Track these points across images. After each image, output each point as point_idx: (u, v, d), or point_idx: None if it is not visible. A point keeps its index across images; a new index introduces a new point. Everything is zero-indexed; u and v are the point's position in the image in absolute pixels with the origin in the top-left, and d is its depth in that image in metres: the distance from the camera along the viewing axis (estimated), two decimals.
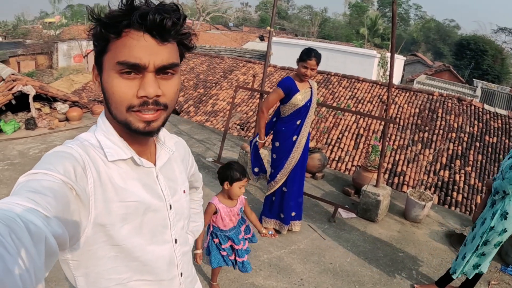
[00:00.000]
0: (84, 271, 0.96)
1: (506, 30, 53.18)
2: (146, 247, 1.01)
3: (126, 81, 0.88)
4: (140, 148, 1.03)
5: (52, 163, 0.82)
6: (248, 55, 21.27)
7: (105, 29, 0.86)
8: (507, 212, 2.97)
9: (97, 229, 0.90)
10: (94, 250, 0.93)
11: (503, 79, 36.55)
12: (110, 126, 0.99)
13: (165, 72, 0.91)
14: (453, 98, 11.88)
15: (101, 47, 0.90)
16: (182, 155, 1.24)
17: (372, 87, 12.79)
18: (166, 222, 1.08)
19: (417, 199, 4.76)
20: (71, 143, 0.95)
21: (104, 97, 0.94)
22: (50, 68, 24.95)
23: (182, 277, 1.17)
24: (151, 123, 0.93)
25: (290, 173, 3.90)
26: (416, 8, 58.43)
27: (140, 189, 1.00)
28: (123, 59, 0.85)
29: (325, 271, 3.63)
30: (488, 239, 3.08)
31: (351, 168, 9.62)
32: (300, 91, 3.68)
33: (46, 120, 7.58)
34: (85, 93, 16.65)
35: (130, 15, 0.84)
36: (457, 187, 9.00)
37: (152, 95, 0.88)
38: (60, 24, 30.40)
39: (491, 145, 10.12)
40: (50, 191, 0.74)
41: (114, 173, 0.96)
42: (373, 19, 41.42)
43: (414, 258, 4.03)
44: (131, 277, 1.01)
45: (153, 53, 0.87)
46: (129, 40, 0.86)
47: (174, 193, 1.12)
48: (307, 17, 62.51)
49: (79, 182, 0.85)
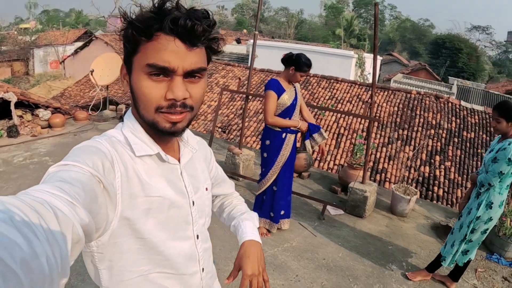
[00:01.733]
0: (108, 264, 0.99)
1: (480, 28, 54.42)
2: (169, 242, 1.04)
3: (155, 83, 0.91)
4: (165, 146, 1.06)
5: (81, 157, 0.85)
6: (226, 58, 21.29)
7: (136, 31, 0.89)
8: (492, 202, 3.17)
9: (123, 222, 0.93)
10: (119, 243, 0.95)
11: (478, 76, 37.48)
12: (137, 124, 1.02)
13: (192, 75, 0.94)
14: (430, 96, 12.17)
15: (132, 48, 0.92)
16: (204, 154, 1.28)
17: (351, 87, 13.00)
18: (189, 219, 1.10)
19: (403, 193, 4.92)
20: (99, 138, 0.98)
21: (132, 97, 0.97)
22: (27, 74, 24.48)
23: (204, 272, 1.19)
24: (177, 123, 0.96)
25: (280, 172, 3.99)
26: (391, 8, 59.37)
27: (165, 185, 1.03)
28: (152, 62, 0.88)
29: (319, 267, 3.73)
30: (475, 228, 3.27)
31: (333, 167, 9.76)
32: (286, 90, 3.79)
33: (29, 127, 7.47)
34: (64, 99, 16.42)
35: (161, 19, 0.87)
36: (438, 181, 9.24)
37: (180, 98, 0.91)
38: (35, 30, 29.89)
39: (469, 140, 10.41)
40: (79, 182, 0.75)
41: (141, 168, 0.99)
42: (348, 20, 42.00)
43: (403, 250, 4.16)
44: (152, 269, 1.03)
45: (182, 58, 0.90)
46: (159, 44, 0.88)
47: (197, 190, 1.14)
48: (283, 19, 62.64)
49: (107, 176, 0.87)
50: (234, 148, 5.64)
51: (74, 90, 17.44)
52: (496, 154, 3.10)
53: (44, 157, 5.96)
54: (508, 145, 3.04)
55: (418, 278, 3.68)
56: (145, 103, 0.93)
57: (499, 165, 3.07)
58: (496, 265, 4.09)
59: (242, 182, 5.54)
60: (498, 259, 4.18)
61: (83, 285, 3.11)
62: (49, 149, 6.33)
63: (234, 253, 3.77)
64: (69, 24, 40.54)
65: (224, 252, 3.78)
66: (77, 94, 16.74)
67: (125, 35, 0.92)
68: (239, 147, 5.66)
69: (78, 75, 20.04)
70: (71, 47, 24.96)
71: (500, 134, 3.20)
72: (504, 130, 3.13)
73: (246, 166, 5.62)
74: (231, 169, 5.59)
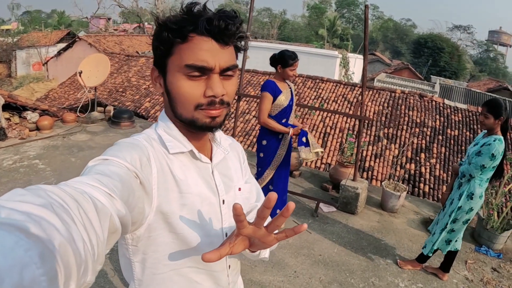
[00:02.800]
0: (142, 257, 1.02)
1: (461, 28, 55.42)
2: (202, 238, 1.06)
3: (193, 82, 0.94)
4: (198, 145, 1.10)
5: (120, 151, 0.88)
6: None
7: (171, 33, 0.92)
8: (473, 193, 3.34)
9: (158, 216, 0.96)
10: (154, 236, 0.98)
11: (460, 75, 38.13)
12: (171, 123, 1.06)
13: (226, 73, 0.98)
14: (414, 94, 12.36)
15: (165, 51, 0.96)
16: (237, 155, 1.30)
17: (336, 87, 13.12)
18: (219, 216, 1.11)
19: (392, 190, 5.04)
20: (137, 136, 1.01)
21: (168, 97, 1.01)
22: (9, 77, 24.08)
23: (230, 269, 1.21)
24: (216, 118, 1.00)
25: (276, 171, 4.03)
26: (374, 8, 59.79)
27: (198, 182, 1.06)
28: (191, 62, 0.92)
29: (316, 262, 3.81)
30: (456, 217, 3.44)
31: (320, 166, 9.86)
32: (283, 91, 3.82)
33: (17, 130, 7.38)
34: (48, 101, 16.19)
35: (195, 20, 0.91)
36: (424, 178, 9.41)
37: (220, 95, 0.95)
38: (17, 31, 29.42)
39: (453, 137, 10.63)
40: (117, 175, 0.78)
41: (175, 165, 1.02)
42: (331, 20, 42.23)
43: (395, 245, 4.29)
44: (185, 264, 1.06)
45: (218, 56, 0.94)
46: (195, 44, 0.92)
47: (229, 189, 1.16)
48: (266, 19, 62.57)
49: (144, 171, 0.90)
50: None
51: (58, 92, 17.20)
52: (481, 148, 3.25)
53: (34, 160, 5.91)
54: (493, 141, 3.20)
55: (408, 266, 3.83)
56: (184, 102, 0.96)
57: (482, 159, 3.23)
58: (485, 257, 4.25)
59: None
60: (487, 251, 4.33)
61: None
62: (39, 152, 6.27)
63: None
64: (52, 25, 39.99)
65: None
66: (62, 96, 16.51)
67: (158, 38, 0.95)
68: None
69: (62, 76, 19.75)
70: (54, 48, 24.56)
71: (486, 129, 3.33)
72: (491, 126, 3.26)
73: None
74: None
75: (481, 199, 3.36)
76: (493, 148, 3.16)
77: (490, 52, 55.73)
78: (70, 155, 6.21)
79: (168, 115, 1.07)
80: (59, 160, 5.91)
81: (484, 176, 3.32)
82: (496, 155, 3.18)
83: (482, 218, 4.53)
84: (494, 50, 56.85)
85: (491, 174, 3.34)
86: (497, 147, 3.16)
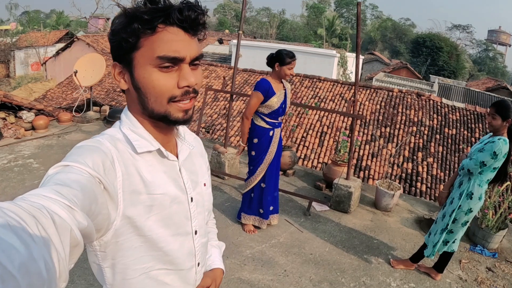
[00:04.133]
0: (111, 262, 1.00)
1: (460, 27, 55.42)
2: (169, 238, 1.05)
3: (166, 74, 0.93)
4: (164, 142, 1.08)
5: (82, 156, 0.85)
6: (209, 58, 21.26)
7: (141, 25, 0.90)
8: (472, 193, 3.29)
9: (125, 221, 0.94)
10: (121, 241, 0.96)
11: (459, 74, 38.12)
12: (135, 121, 1.03)
13: (194, 63, 0.98)
14: (412, 93, 12.35)
15: (132, 44, 0.93)
16: (200, 150, 1.29)
17: (334, 86, 13.12)
18: (188, 214, 1.11)
19: (386, 189, 5.01)
20: (99, 137, 0.98)
21: (137, 93, 0.98)
22: (7, 77, 24.07)
23: (199, 266, 1.21)
24: (188, 111, 1.00)
25: (268, 168, 4.03)
26: (373, 8, 59.96)
27: (166, 182, 1.04)
28: (163, 54, 0.91)
29: (306, 261, 3.79)
30: (456, 218, 3.39)
31: (317, 165, 9.84)
32: (276, 93, 3.80)
33: (12, 130, 7.38)
34: (46, 101, 16.17)
35: (165, 11, 0.90)
36: (421, 178, 9.39)
37: (193, 84, 0.96)
38: (16, 31, 29.39)
39: (451, 136, 10.61)
40: (77, 184, 0.75)
41: (142, 166, 1.00)
42: (330, 19, 42.23)
43: (388, 244, 4.26)
44: (153, 266, 1.05)
45: (188, 46, 0.94)
46: (166, 35, 0.91)
47: (195, 186, 1.16)
48: (265, 19, 62.69)
49: (107, 175, 0.87)
50: (219, 147, 5.68)
51: (56, 92, 17.18)
52: (484, 145, 3.22)
53: (29, 159, 5.90)
54: (497, 139, 3.17)
55: (401, 266, 3.80)
56: (158, 95, 0.95)
57: (483, 155, 3.19)
58: (480, 256, 4.22)
59: (228, 181, 5.57)
60: (482, 250, 4.30)
61: None
62: (33, 151, 6.26)
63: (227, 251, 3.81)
64: (50, 26, 39.94)
65: None
66: (59, 96, 16.50)
67: (126, 30, 0.92)
68: (224, 146, 5.69)
69: (60, 76, 19.75)
70: (53, 48, 24.53)
71: (493, 130, 3.28)
72: (497, 127, 3.22)
73: (231, 165, 5.65)
74: (217, 168, 5.62)
75: (481, 201, 3.32)
76: (496, 146, 3.13)
77: (489, 51, 55.74)
78: (64, 154, 5.91)
79: (133, 112, 1.05)
80: (54, 159, 5.89)
81: (484, 176, 3.28)
82: (498, 154, 3.13)
83: (477, 217, 4.51)
84: (493, 49, 56.89)
85: (491, 176, 3.29)
86: (500, 146, 3.13)
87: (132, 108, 1.04)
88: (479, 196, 3.29)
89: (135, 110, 1.04)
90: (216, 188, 5.33)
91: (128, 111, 1.06)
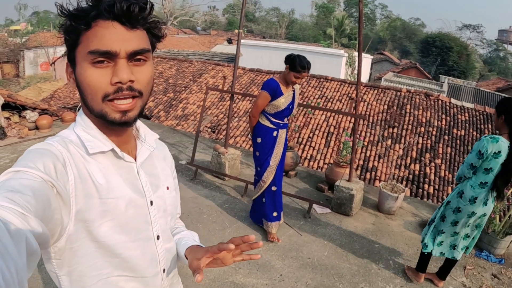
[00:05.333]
0: (67, 270, 0.96)
1: (470, 27, 54.85)
2: (128, 244, 1.01)
3: (99, 70, 0.89)
4: (120, 143, 1.04)
5: (33, 161, 0.83)
6: (216, 58, 21.23)
7: (75, 21, 0.87)
8: (463, 192, 3.17)
9: (78, 225, 0.91)
10: (76, 247, 0.93)
11: (469, 74, 37.74)
12: (88, 121, 0.99)
13: (137, 59, 0.92)
14: (420, 93, 12.17)
15: (73, 41, 0.90)
16: (163, 153, 1.24)
17: (341, 86, 12.99)
18: (147, 219, 1.07)
19: (390, 191, 4.89)
20: (51, 140, 0.95)
21: (79, 91, 0.94)
22: (17, 76, 24.26)
23: (165, 273, 1.16)
24: (127, 112, 0.93)
25: (276, 171, 3.96)
26: (382, 7, 59.51)
27: (121, 185, 1.00)
28: (94, 48, 0.87)
29: (303, 265, 3.69)
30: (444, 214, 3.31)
31: (323, 166, 9.73)
32: (284, 94, 3.73)
33: (16, 129, 7.41)
34: (54, 101, 16.27)
35: (97, 5, 0.86)
36: (428, 179, 9.22)
37: (126, 80, 0.89)
38: (26, 32, 29.65)
39: (459, 137, 10.41)
40: (30, 189, 0.74)
41: (95, 169, 0.96)
42: (339, 19, 42.02)
43: (390, 248, 4.13)
44: (111, 273, 1.01)
45: (124, 40, 0.89)
46: (99, 30, 0.87)
47: (156, 189, 1.11)
48: (275, 19, 62.79)
49: (59, 179, 0.85)
50: (219, 147, 5.59)
51: (64, 91, 17.29)
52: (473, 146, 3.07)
53: None
54: (483, 137, 2.99)
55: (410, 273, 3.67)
56: (92, 93, 0.91)
57: (470, 156, 3.06)
58: (485, 262, 4.07)
59: (228, 182, 5.49)
60: (488, 256, 4.15)
61: None
62: None
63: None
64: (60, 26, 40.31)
65: None
66: (67, 96, 16.60)
67: (64, 28, 0.90)
68: (225, 146, 5.60)
69: None
70: (62, 48, 24.63)
71: (497, 129, 3.10)
72: (497, 126, 3.06)
73: (232, 166, 5.56)
74: (217, 168, 5.54)
75: (473, 205, 3.09)
76: (480, 145, 2.95)
77: (500, 51, 55.01)
78: None
79: (85, 112, 1.01)
80: None
81: (477, 179, 3.08)
82: (484, 153, 2.94)
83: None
84: (504, 49, 56.09)
85: (485, 179, 3.04)
86: (485, 144, 2.93)
87: (84, 109, 1.01)
88: (470, 197, 3.09)
89: (86, 110, 1.00)
90: (216, 189, 5.26)
91: (82, 112, 1.02)
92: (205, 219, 4.40)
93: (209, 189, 5.26)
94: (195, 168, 5.64)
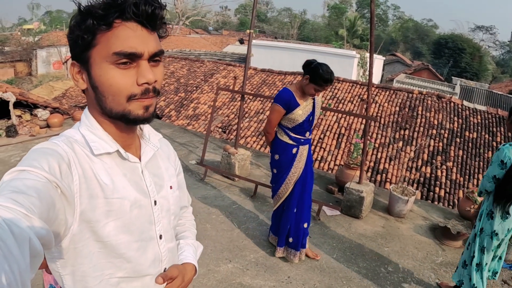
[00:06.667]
0: (70, 269, 0.96)
1: (483, 28, 54.21)
2: (132, 243, 1.01)
3: (123, 71, 0.90)
4: (125, 143, 1.04)
5: (38, 160, 0.82)
6: (228, 58, 21.28)
7: (96, 20, 0.87)
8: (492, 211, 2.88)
9: (83, 226, 0.90)
10: (80, 247, 0.93)
11: (482, 76, 37.33)
12: (94, 121, 1.00)
13: (155, 60, 0.94)
14: (432, 95, 12.04)
15: (88, 42, 0.90)
16: (167, 153, 1.25)
17: (353, 87, 12.91)
18: (151, 219, 1.08)
19: (400, 194, 4.84)
20: (56, 139, 0.95)
21: (94, 92, 0.95)
22: (30, 75, 24.46)
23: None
24: (149, 108, 0.96)
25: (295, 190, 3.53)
26: (394, 8, 59.11)
27: (126, 185, 1.00)
28: (119, 50, 0.87)
29: (312, 268, 3.66)
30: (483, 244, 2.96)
31: (333, 167, 9.67)
32: (301, 105, 3.28)
33: (27, 127, 7.49)
34: (66, 99, 16.41)
35: (120, 6, 0.86)
36: (439, 182, 9.12)
37: (152, 81, 0.92)
38: (38, 31, 29.91)
39: (472, 140, 10.28)
40: (34, 190, 0.73)
41: (100, 169, 0.96)
42: (351, 20, 41.81)
43: (399, 252, 4.08)
44: (113, 274, 1.01)
45: (146, 42, 0.90)
46: (122, 31, 0.88)
47: (160, 189, 1.12)
48: (286, 19, 62.77)
49: (64, 179, 0.85)
50: (229, 148, 5.58)
51: (75, 90, 17.40)
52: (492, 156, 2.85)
53: None
54: (502, 146, 2.79)
55: None
56: (116, 93, 0.92)
57: (492, 169, 2.83)
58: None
59: (238, 183, 5.48)
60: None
61: None
62: None
63: (225, 254, 3.72)
64: None
65: (215, 253, 3.72)
66: (79, 94, 16.71)
67: (81, 27, 0.89)
68: (235, 147, 5.59)
69: None
70: None
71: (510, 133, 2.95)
72: (510, 129, 2.89)
73: (241, 166, 5.55)
74: (226, 169, 5.53)
75: (506, 221, 2.78)
76: (501, 154, 2.74)
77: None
78: None
79: (93, 113, 1.01)
80: None
81: None
82: (507, 162, 2.72)
83: None
84: None
85: None
86: (506, 152, 2.73)
87: (91, 109, 1.01)
88: (502, 214, 2.80)
89: (94, 111, 1.01)
90: (225, 189, 5.25)
91: (87, 112, 1.03)
92: (214, 220, 4.40)
93: (218, 189, 5.25)
94: (205, 168, 5.64)
